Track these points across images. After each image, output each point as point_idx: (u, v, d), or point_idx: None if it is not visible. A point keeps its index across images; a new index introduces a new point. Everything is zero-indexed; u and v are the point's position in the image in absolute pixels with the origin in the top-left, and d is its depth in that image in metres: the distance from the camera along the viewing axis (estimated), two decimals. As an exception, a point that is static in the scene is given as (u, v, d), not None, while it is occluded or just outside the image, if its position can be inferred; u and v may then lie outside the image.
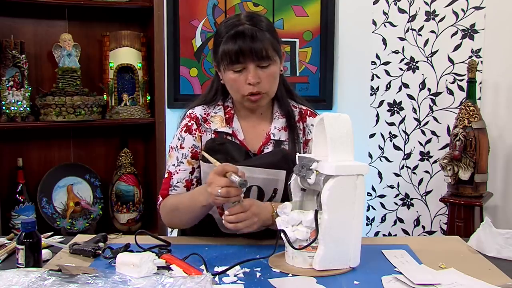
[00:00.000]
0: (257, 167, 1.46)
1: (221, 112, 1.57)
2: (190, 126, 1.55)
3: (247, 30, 1.43)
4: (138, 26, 2.62)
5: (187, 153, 1.54)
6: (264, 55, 1.43)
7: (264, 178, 1.47)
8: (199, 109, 1.58)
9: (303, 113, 1.62)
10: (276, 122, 1.57)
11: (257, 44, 1.42)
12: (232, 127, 1.55)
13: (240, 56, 1.43)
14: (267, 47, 1.44)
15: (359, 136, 2.55)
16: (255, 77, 1.44)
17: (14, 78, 2.35)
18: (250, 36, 1.42)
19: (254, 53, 1.42)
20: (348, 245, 1.26)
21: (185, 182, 1.53)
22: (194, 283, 1.10)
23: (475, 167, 2.36)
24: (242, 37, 1.42)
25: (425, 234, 2.75)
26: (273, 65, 1.47)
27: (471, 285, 1.16)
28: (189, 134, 1.55)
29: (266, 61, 1.45)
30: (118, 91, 2.53)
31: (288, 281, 1.20)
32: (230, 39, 1.43)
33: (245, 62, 1.44)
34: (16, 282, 1.09)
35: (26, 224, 1.23)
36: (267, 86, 1.47)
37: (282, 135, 1.56)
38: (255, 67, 1.44)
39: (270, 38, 1.46)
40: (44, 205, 2.43)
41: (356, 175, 1.24)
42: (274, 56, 1.47)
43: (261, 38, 1.43)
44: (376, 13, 2.77)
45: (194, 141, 1.54)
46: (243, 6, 2.85)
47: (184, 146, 1.54)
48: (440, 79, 2.68)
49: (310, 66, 2.90)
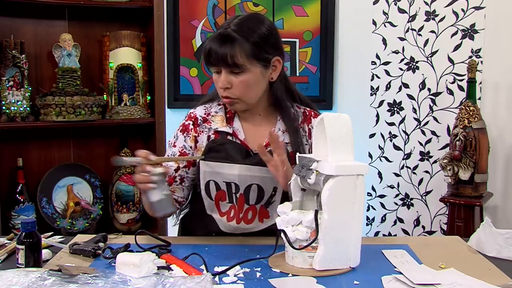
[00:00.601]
0: (256, 165, 1.46)
1: (222, 111, 1.58)
2: (187, 126, 1.57)
3: (222, 36, 1.43)
4: (138, 26, 2.62)
5: (176, 151, 1.57)
6: (231, 62, 1.43)
7: (263, 176, 1.47)
8: (200, 109, 1.60)
9: (308, 114, 1.61)
10: (280, 124, 1.57)
11: (225, 50, 1.42)
12: (233, 127, 1.55)
13: (212, 59, 1.45)
14: (236, 54, 1.42)
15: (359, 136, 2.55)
16: (224, 82, 1.46)
17: (14, 78, 2.35)
18: (222, 42, 1.43)
19: (221, 59, 1.43)
20: (348, 245, 1.26)
21: (168, 178, 1.53)
22: (194, 283, 1.10)
23: (475, 167, 2.36)
24: (216, 41, 1.44)
25: (425, 234, 2.75)
26: (246, 73, 1.45)
27: (471, 285, 1.16)
28: (182, 134, 1.57)
29: (236, 68, 1.45)
30: (118, 91, 2.53)
31: (288, 281, 1.20)
32: (209, 40, 1.47)
33: (218, 65, 1.46)
34: (16, 282, 1.09)
35: (26, 224, 1.23)
36: (238, 92, 1.47)
37: (286, 137, 1.56)
38: (228, 72, 1.45)
39: (245, 46, 1.43)
40: (44, 205, 2.43)
41: (356, 175, 1.24)
42: (248, 65, 1.44)
43: (232, 46, 1.42)
44: (376, 13, 2.77)
45: (185, 142, 1.56)
46: (243, 6, 2.85)
47: (176, 145, 1.57)
48: (440, 79, 2.68)
49: (310, 66, 2.90)
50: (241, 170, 1.47)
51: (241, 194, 1.49)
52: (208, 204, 1.54)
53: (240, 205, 1.50)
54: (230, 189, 1.50)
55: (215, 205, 1.53)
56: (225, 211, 1.53)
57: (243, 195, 1.49)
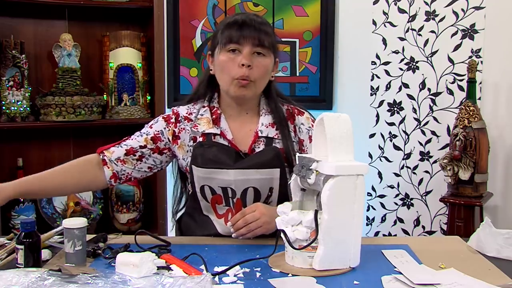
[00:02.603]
0: (250, 168, 1.46)
1: (207, 113, 1.55)
2: (169, 117, 1.57)
3: (253, 20, 1.46)
4: (138, 26, 2.62)
5: (151, 132, 1.56)
6: (264, 43, 1.46)
7: (258, 178, 1.46)
8: (182, 108, 1.59)
9: (291, 111, 1.60)
10: (263, 118, 1.56)
11: (260, 31, 1.45)
12: (220, 127, 1.53)
13: (240, 38, 1.44)
14: (268, 39, 1.47)
15: (359, 136, 2.56)
16: (248, 59, 1.45)
17: (14, 78, 2.35)
18: (255, 25, 1.46)
19: (257, 39, 1.45)
20: (348, 245, 1.26)
21: (130, 148, 1.54)
22: (194, 283, 1.10)
23: (475, 167, 2.36)
24: (248, 23, 1.45)
25: (425, 234, 2.75)
26: (267, 57, 1.49)
27: (471, 285, 1.16)
28: (163, 121, 1.56)
29: (263, 50, 1.46)
30: (118, 91, 2.54)
31: (288, 281, 1.20)
32: (234, 23, 1.46)
33: (243, 44, 1.45)
34: (16, 282, 1.09)
35: (25, 224, 1.23)
36: (257, 74, 1.47)
37: (270, 131, 1.54)
38: (250, 52, 1.46)
39: (272, 35, 1.50)
40: (44, 205, 2.43)
41: (356, 175, 1.24)
42: (270, 51, 1.49)
43: (266, 31, 1.47)
44: (376, 13, 2.77)
45: (164, 130, 1.55)
46: (243, 6, 2.85)
47: (153, 127, 1.57)
48: (440, 79, 2.68)
49: (310, 66, 2.90)
50: (236, 174, 1.45)
51: (238, 199, 1.48)
52: (204, 205, 1.53)
53: (237, 209, 1.48)
54: (226, 194, 1.48)
55: (211, 207, 1.52)
56: (222, 214, 1.52)
57: (240, 199, 1.48)
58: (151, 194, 2.64)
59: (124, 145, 1.56)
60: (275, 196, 1.50)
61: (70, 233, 1.28)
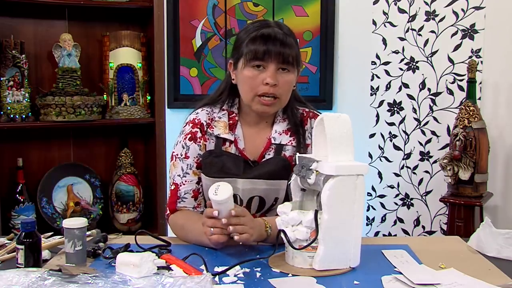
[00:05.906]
0: (258, 178, 1.47)
1: (225, 117, 1.55)
2: (195, 134, 1.53)
3: (278, 34, 1.45)
4: (138, 26, 2.62)
5: (192, 163, 1.53)
6: (290, 60, 1.45)
7: (265, 188, 1.48)
8: (203, 114, 1.56)
9: (305, 115, 1.59)
10: (277, 126, 1.56)
11: (286, 48, 1.44)
12: (235, 134, 1.54)
13: (266, 54, 1.43)
14: (294, 55, 1.46)
15: (359, 136, 2.56)
16: (274, 77, 1.44)
17: (14, 78, 2.35)
18: (281, 39, 1.44)
19: (282, 55, 1.43)
20: (348, 245, 1.26)
21: (193, 193, 1.53)
22: (194, 283, 1.10)
23: (475, 167, 2.36)
24: (273, 39, 1.44)
25: (425, 234, 2.75)
26: (291, 73, 1.48)
27: (471, 285, 1.16)
28: (193, 143, 1.53)
29: (288, 66, 1.46)
30: (118, 91, 2.53)
31: (288, 281, 1.20)
32: (260, 38, 1.44)
33: (269, 61, 1.44)
34: (16, 282, 1.09)
35: (25, 224, 1.23)
36: (282, 90, 1.46)
37: (284, 138, 1.54)
38: (276, 70, 1.45)
39: (295, 46, 1.48)
40: (44, 205, 2.43)
41: (356, 175, 1.24)
42: (295, 67, 1.48)
43: (291, 45, 1.46)
44: (376, 13, 2.77)
45: (200, 150, 1.53)
46: (243, 6, 2.85)
47: (189, 155, 1.53)
48: (440, 79, 2.68)
49: (310, 66, 2.90)
50: (245, 184, 1.47)
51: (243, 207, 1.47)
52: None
53: None
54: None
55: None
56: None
57: (245, 207, 1.48)
58: (151, 194, 2.64)
59: (185, 197, 1.53)
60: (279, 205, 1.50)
61: (70, 233, 1.28)
